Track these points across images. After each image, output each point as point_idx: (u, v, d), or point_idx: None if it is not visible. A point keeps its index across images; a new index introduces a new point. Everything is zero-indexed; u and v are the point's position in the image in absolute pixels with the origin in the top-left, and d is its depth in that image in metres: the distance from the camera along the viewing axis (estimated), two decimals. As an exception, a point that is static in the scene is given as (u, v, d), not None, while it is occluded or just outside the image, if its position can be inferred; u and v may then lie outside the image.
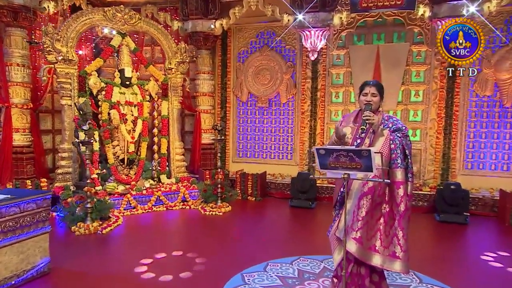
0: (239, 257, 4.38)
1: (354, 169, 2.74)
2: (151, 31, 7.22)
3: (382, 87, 3.10)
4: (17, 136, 6.38)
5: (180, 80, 7.53)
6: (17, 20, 6.23)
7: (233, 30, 8.24)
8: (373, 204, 2.87)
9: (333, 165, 2.78)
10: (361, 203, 2.86)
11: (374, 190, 2.86)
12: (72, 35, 6.42)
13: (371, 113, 2.91)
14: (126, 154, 6.97)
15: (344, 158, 2.71)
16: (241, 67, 8.25)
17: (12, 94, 6.32)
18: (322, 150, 2.78)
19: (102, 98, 6.66)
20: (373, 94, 3.02)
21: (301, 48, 7.76)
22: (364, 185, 2.90)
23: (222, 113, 8.40)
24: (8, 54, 6.28)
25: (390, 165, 2.92)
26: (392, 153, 2.91)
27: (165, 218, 6.14)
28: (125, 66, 6.93)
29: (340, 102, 7.72)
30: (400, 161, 2.86)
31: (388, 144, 2.91)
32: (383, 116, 3.06)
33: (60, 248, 4.56)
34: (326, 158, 2.79)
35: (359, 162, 2.68)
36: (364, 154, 2.64)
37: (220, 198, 6.53)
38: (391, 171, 2.91)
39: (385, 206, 2.92)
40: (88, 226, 5.24)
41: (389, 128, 2.97)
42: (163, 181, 7.24)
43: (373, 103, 3.01)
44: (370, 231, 2.92)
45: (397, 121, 3.02)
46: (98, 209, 5.43)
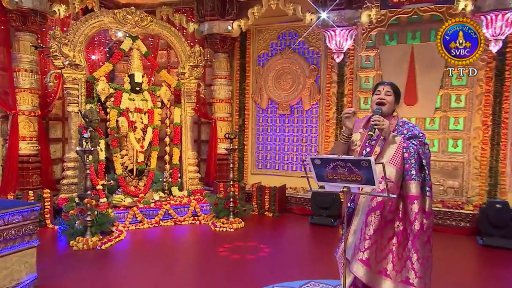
0: (241, 278, 4.23)
1: (354, 181, 2.60)
2: (163, 33, 7.29)
3: (397, 89, 2.98)
4: (24, 145, 6.56)
5: (194, 86, 7.55)
6: (26, 25, 6.44)
7: (252, 31, 8.20)
8: (383, 221, 2.71)
9: (331, 177, 2.65)
10: (369, 220, 2.71)
11: (384, 205, 2.70)
12: (81, 39, 6.58)
13: (381, 117, 2.75)
14: (135, 164, 7.01)
15: (342, 169, 2.58)
16: (260, 71, 8.16)
17: (20, 101, 6.51)
18: (317, 160, 2.66)
19: (111, 104, 6.76)
20: (387, 93, 2.91)
21: (325, 50, 7.59)
22: (372, 200, 2.75)
23: (240, 121, 8.34)
24: (17, 60, 6.49)
25: (404, 176, 2.74)
26: (405, 163, 2.73)
27: (172, 234, 6.10)
28: (135, 71, 7.02)
29: (369, 108, 7.43)
30: (415, 172, 2.69)
31: (401, 153, 2.74)
32: (398, 121, 2.92)
33: (53, 264, 4.60)
34: (322, 169, 2.67)
35: (359, 174, 2.53)
36: (363, 165, 2.49)
37: (232, 213, 6.43)
38: (404, 183, 2.73)
39: (399, 223, 2.75)
40: (87, 240, 5.27)
41: (404, 135, 2.82)
42: (174, 194, 7.24)
43: (387, 103, 2.88)
44: (380, 252, 2.74)
45: (414, 127, 2.86)
46: (99, 222, 5.46)
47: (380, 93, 2.93)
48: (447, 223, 6.46)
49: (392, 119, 2.91)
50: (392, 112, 2.95)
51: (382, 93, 2.91)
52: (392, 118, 2.91)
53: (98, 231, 5.45)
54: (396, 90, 2.96)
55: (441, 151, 7.00)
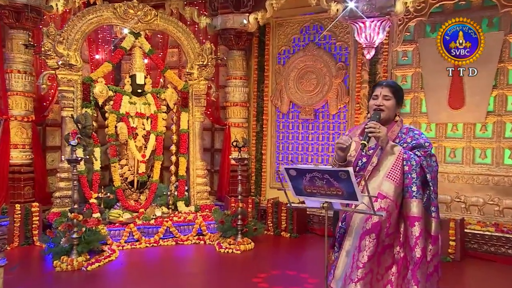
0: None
1: (335, 196, 2.53)
2: (169, 29, 7.30)
3: (399, 89, 2.91)
4: (15, 153, 6.66)
5: (203, 88, 7.49)
6: (19, 22, 6.58)
7: (272, 25, 8.08)
8: (380, 246, 2.60)
9: (309, 190, 2.61)
10: (363, 244, 2.59)
11: (381, 227, 2.59)
12: (77, 36, 6.66)
13: (377, 124, 2.66)
14: (135, 175, 7.00)
15: (319, 181, 2.52)
16: (281, 70, 8.01)
17: (12, 105, 6.63)
18: (292, 170, 2.60)
19: (110, 109, 6.80)
20: (385, 97, 2.81)
21: (355, 45, 7.35)
22: (367, 220, 2.63)
23: (258, 127, 8.20)
24: (9, 60, 6.63)
25: (404, 194, 2.63)
26: (405, 178, 2.62)
27: (169, 255, 6.03)
28: (137, 71, 7.05)
29: (407, 112, 7.12)
30: (416, 188, 2.60)
31: (401, 166, 2.63)
32: (401, 127, 2.83)
33: (28, 286, 4.59)
34: (299, 181, 2.62)
35: (339, 188, 2.46)
36: (342, 177, 2.41)
37: (240, 232, 6.28)
38: (404, 202, 2.64)
39: (399, 249, 2.67)
40: (72, 260, 5.24)
41: (407, 144, 2.72)
42: (180, 209, 7.16)
43: (385, 109, 2.79)
44: (376, 283, 2.64)
45: (420, 135, 2.78)
46: (86, 240, 5.43)
47: (378, 97, 2.83)
48: (501, 250, 6.01)
49: (394, 125, 2.83)
50: (393, 117, 2.85)
51: (380, 98, 2.82)
52: (394, 125, 2.84)
53: (85, 250, 5.41)
54: (397, 92, 2.85)
55: (495, 163, 6.56)
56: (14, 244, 6.11)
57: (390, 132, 2.79)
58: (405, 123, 2.95)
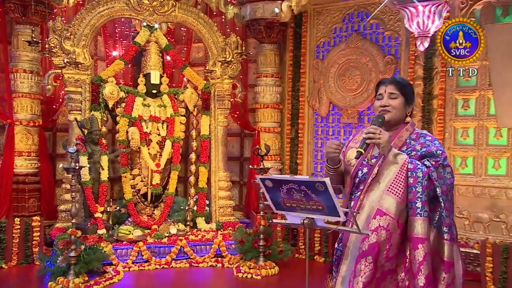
0: None
1: (315, 211, 2.55)
2: (189, 21, 7.36)
3: (407, 84, 2.89)
4: (20, 161, 6.90)
5: (227, 87, 7.48)
6: (26, 16, 6.85)
7: (309, 13, 7.95)
8: (379, 271, 2.58)
9: (289, 204, 2.64)
10: (358, 269, 2.57)
11: (379, 249, 2.55)
12: (86, 31, 6.85)
13: (378, 129, 2.62)
14: (149, 187, 7.07)
15: (297, 193, 2.54)
16: (319, 66, 7.85)
17: (17, 108, 6.89)
18: (268, 181, 2.64)
19: (121, 111, 6.92)
20: (391, 95, 2.78)
21: (407, 35, 7.09)
22: (363, 241, 2.61)
23: (293, 132, 8.05)
24: (15, 58, 6.91)
25: (408, 210, 2.58)
26: (409, 192, 2.57)
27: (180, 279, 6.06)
28: (151, 69, 7.15)
29: (472, 114, 6.77)
30: (421, 205, 2.54)
31: (404, 178, 2.58)
32: (412, 133, 2.79)
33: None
34: (276, 194, 2.66)
35: (318, 201, 2.47)
36: (319, 188, 2.42)
37: (263, 255, 6.20)
38: (408, 220, 2.60)
39: (404, 276, 2.63)
40: (68, 282, 5.33)
41: (417, 151, 2.69)
42: (199, 227, 7.17)
43: (391, 109, 2.76)
44: None
45: (432, 142, 2.73)
46: (85, 260, 5.50)
47: (383, 96, 2.79)
48: None
49: (402, 130, 2.79)
50: (403, 119, 2.81)
51: (385, 98, 2.78)
52: (403, 129, 2.80)
53: (83, 271, 5.47)
54: (404, 88, 2.81)
55: None
56: (12, 262, 6.28)
57: (397, 138, 2.75)
58: (420, 128, 2.95)
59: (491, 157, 6.56)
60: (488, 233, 6.44)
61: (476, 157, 6.66)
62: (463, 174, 6.75)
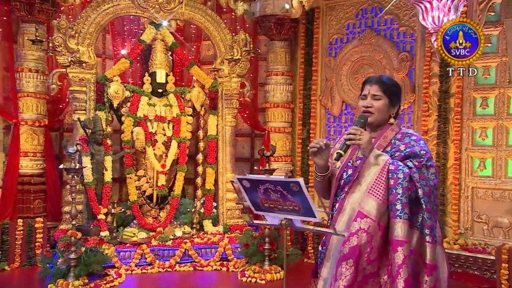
0: None
1: (292, 212, 2.63)
2: (196, 18, 7.34)
3: (392, 85, 2.88)
4: (25, 162, 6.96)
5: (235, 86, 7.44)
6: (32, 14, 6.91)
7: (322, 9, 7.86)
8: (361, 275, 2.59)
9: (267, 204, 2.72)
10: (339, 272, 2.59)
11: (360, 252, 2.56)
12: (91, 29, 6.87)
13: (359, 130, 2.66)
14: (155, 188, 7.07)
15: (274, 194, 2.61)
16: (331, 64, 7.74)
17: (22, 107, 6.96)
18: (245, 181, 2.71)
19: (126, 111, 6.92)
20: (374, 97, 2.80)
21: (423, 30, 6.93)
22: (344, 244, 2.62)
23: (304, 132, 7.98)
24: (21, 57, 6.98)
25: (389, 212, 2.62)
26: (389, 194, 2.57)
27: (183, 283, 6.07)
28: (157, 68, 7.16)
29: (491, 114, 6.60)
30: (401, 207, 2.55)
31: (385, 179, 2.59)
32: (398, 132, 2.80)
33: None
34: (254, 194, 2.73)
35: (294, 201, 2.56)
36: (293, 189, 2.48)
37: (268, 259, 6.15)
38: (390, 223, 2.61)
39: (386, 278, 2.63)
40: (68, 284, 5.35)
41: (401, 152, 2.70)
42: (206, 229, 7.15)
43: (374, 111, 2.78)
44: None
45: (417, 142, 2.75)
46: (85, 262, 5.51)
47: (366, 97, 2.81)
48: None
49: (387, 130, 2.81)
50: (387, 120, 2.81)
51: (368, 98, 2.80)
52: (387, 129, 2.82)
53: (83, 273, 5.48)
54: (389, 89, 2.82)
55: None
56: (15, 264, 6.36)
57: (382, 139, 2.76)
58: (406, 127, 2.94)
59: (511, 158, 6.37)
60: (508, 239, 6.25)
61: (495, 159, 6.47)
62: (482, 177, 6.59)
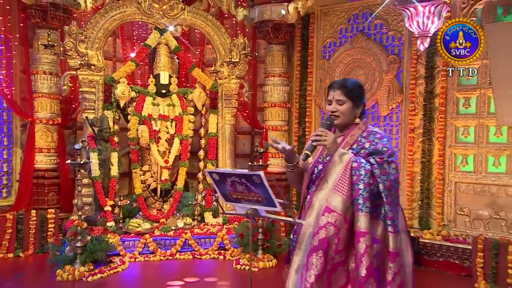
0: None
1: (256, 202, 2.85)
2: (197, 23, 7.69)
3: (355, 88, 2.97)
4: (40, 157, 7.43)
5: (234, 87, 7.77)
6: (46, 21, 7.35)
7: (316, 15, 8.17)
8: (330, 264, 2.70)
9: (235, 196, 2.93)
10: (310, 262, 2.69)
11: (328, 244, 2.68)
12: (99, 34, 7.28)
13: (324, 131, 2.79)
14: (159, 182, 7.45)
15: (240, 186, 2.82)
16: (325, 66, 8.05)
17: (37, 107, 7.42)
18: (215, 174, 2.94)
19: (132, 110, 7.32)
20: (338, 102, 2.92)
21: (410, 34, 7.20)
22: (314, 236, 2.74)
23: (300, 130, 8.30)
24: (36, 61, 7.44)
25: (353, 206, 2.73)
26: (352, 190, 2.72)
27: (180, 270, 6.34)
28: (161, 70, 7.53)
29: (473, 113, 6.85)
30: (363, 201, 2.69)
31: (349, 176, 2.73)
32: (364, 130, 2.93)
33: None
34: (223, 186, 2.96)
35: (257, 193, 2.75)
36: (256, 181, 2.70)
37: (261, 248, 6.46)
38: (354, 216, 2.72)
39: (353, 266, 2.75)
40: (74, 270, 5.75)
41: (365, 149, 2.83)
42: (207, 221, 7.48)
43: (340, 114, 2.91)
44: None
45: (381, 139, 2.85)
46: (91, 250, 5.92)
47: (331, 102, 2.94)
48: None
49: (354, 129, 2.92)
50: (352, 120, 2.94)
51: (333, 103, 2.92)
52: (355, 128, 2.92)
53: (89, 260, 5.89)
54: (351, 92, 2.91)
55: None
56: (29, 251, 6.80)
57: (350, 137, 2.89)
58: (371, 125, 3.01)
59: (491, 155, 6.63)
60: (488, 230, 6.51)
61: (477, 155, 6.74)
62: (464, 172, 6.86)
